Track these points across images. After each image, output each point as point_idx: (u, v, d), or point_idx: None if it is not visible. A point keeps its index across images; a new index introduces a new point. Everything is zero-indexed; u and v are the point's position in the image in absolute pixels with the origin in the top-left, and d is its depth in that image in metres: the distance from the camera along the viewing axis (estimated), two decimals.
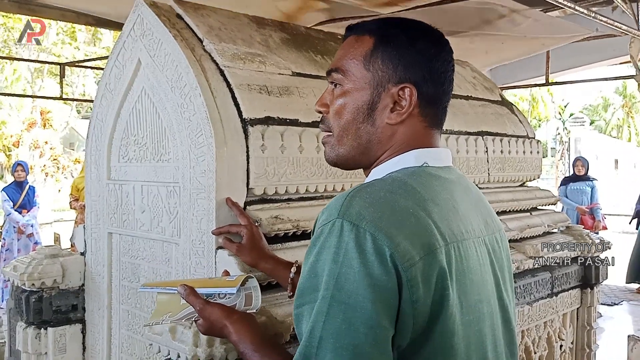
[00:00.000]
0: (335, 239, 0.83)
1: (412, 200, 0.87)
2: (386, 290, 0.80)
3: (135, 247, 2.12)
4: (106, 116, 2.23)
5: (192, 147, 1.86)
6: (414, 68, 0.98)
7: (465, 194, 1.00)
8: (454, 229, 0.90)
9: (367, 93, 0.99)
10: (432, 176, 0.95)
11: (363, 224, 0.82)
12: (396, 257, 0.81)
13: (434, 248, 0.84)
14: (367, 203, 0.85)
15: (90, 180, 2.33)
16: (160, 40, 1.97)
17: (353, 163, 1.04)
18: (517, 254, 2.67)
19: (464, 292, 0.88)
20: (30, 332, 2.20)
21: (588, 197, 7.31)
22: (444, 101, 1.04)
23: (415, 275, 0.81)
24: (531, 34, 3.28)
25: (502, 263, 1.03)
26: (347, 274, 0.81)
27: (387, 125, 0.99)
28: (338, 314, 0.80)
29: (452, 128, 2.74)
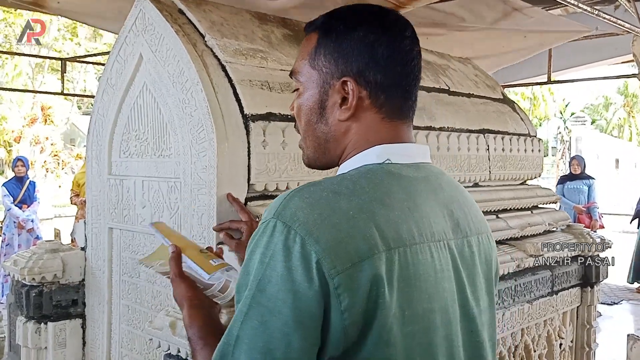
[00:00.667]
0: (266, 239, 0.80)
1: (357, 201, 0.82)
2: (307, 297, 0.76)
3: (136, 243, 2.12)
4: (107, 111, 2.22)
5: (194, 143, 1.85)
6: (354, 58, 0.92)
7: (433, 193, 0.93)
8: (403, 232, 0.83)
9: (316, 92, 0.95)
10: (391, 174, 0.89)
11: (295, 226, 0.78)
12: (323, 263, 0.76)
13: (368, 255, 0.78)
14: (304, 204, 0.81)
15: (91, 175, 2.33)
16: (162, 36, 1.96)
17: (322, 164, 1.01)
18: (518, 252, 2.67)
19: (408, 300, 0.81)
20: (30, 327, 2.20)
21: (585, 196, 7.31)
22: (401, 87, 0.95)
23: (343, 284, 0.76)
24: (531, 29, 3.26)
25: (474, 269, 0.96)
26: (271, 276, 0.78)
27: (340, 122, 0.94)
28: (256, 315, 0.78)
29: (453, 125, 2.74)
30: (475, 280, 0.95)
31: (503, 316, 2.51)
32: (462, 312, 0.91)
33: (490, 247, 1.03)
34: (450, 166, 2.64)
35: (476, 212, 1.03)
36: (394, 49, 0.93)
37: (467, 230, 0.96)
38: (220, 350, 0.81)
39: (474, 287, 0.95)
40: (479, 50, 3.49)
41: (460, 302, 0.91)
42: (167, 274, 1.19)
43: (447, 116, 2.74)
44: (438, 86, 2.87)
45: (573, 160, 7.76)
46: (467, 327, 0.92)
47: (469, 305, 0.93)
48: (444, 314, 0.87)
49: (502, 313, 2.50)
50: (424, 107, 2.65)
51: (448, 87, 2.93)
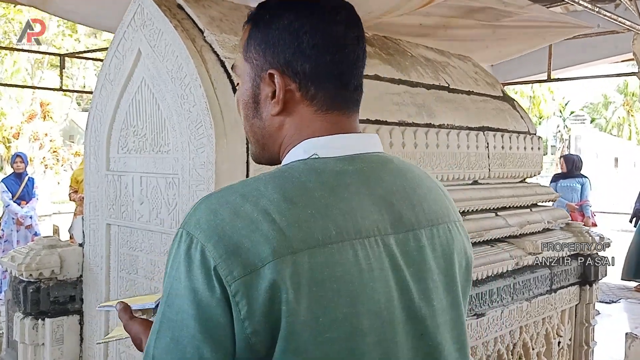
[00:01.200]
0: (174, 251, 0.77)
1: (264, 202, 0.76)
2: (211, 307, 0.73)
3: (134, 239, 2.11)
4: (106, 107, 2.21)
5: (192, 139, 1.85)
6: (280, 49, 0.86)
7: (366, 186, 0.84)
8: (316, 231, 0.76)
9: (250, 86, 0.91)
10: (312, 170, 0.82)
11: (197, 234, 0.75)
12: (220, 270, 0.72)
13: (270, 259, 0.73)
14: (209, 209, 0.77)
15: (89, 171, 2.32)
16: (161, 31, 1.95)
17: (265, 160, 0.96)
18: (517, 250, 2.66)
19: (323, 306, 0.74)
20: (27, 323, 2.20)
21: (578, 194, 7.31)
22: (336, 77, 0.88)
23: (240, 291, 0.72)
24: (532, 24, 3.25)
25: (424, 266, 0.86)
26: (177, 288, 0.75)
27: (272, 117, 0.89)
28: (167, 331, 0.75)
29: (453, 123, 2.73)
30: (425, 277, 0.86)
31: (502, 314, 2.50)
32: (407, 314, 0.83)
33: (451, 238, 0.92)
34: (450, 163, 2.63)
35: (432, 201, 0.92)
36: (322, 36, 0.87)
37: (414, 222, 0.87)
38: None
39: (423, 285, 0.86)
40: (479, 45, 3.47)
41: (403, 304, 0.82)
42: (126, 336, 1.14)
43: (446, 113, 2.73)
44: (438, 83, 2.86)
45: (560, 159, 7.86)
46: (415, 330, 0.84)
47: (415, 306, 0.84)
48: (375, 317, 0.79)
49: (500, 311, 2.49)
50: (424, 104, 2.64)
51: (448, 85, 2.92)
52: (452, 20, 3.06)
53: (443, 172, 2.61)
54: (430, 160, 2.54)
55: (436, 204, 0.93)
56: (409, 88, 2.66)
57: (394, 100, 2.50)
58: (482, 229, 2.58)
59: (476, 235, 2.52)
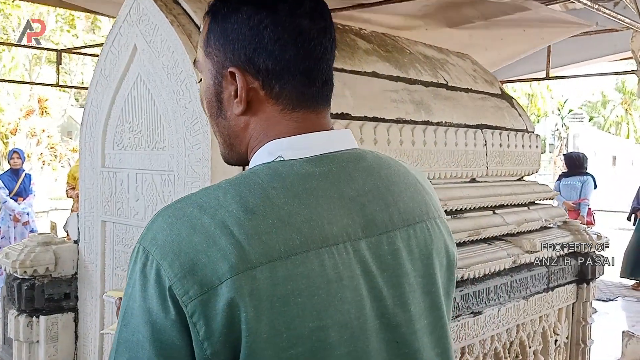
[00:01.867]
0: (130, 268, 0.74)
1: (222, 214, 0.72)
2: (165, 329, 0.69)
3: (129, 236, 2.09)
4: (101, 103, 2.20)
5: (188, 135, 1.83)
6: (240, 43, 0.81)
7: (335, 188, 0.79)
8: (277, 243, 0.72)
9: (212, 83, 0.85)
10: (275, 175, 0.77)
11: (153, 250, 0.71)
12: (175, 290, 0.69)
13: (227, 276, 0.69)
14: (165, 224, 0.73)
15: (84, 167, 2.30)
16: (157, 26, 1.94)
17: (234, 160, 0.91)
18: (514, 248, 2.66)
19: (286, 320, 0.70)
20: (22, 320, 2.18)
21: (578, 192, 7.33)
22: (302, 72, 0.82)
23: (197, 311, 0.69)
24: (530, 24, 3.24)
25: (399, 270, 0.82)
26: (132, 307, 0.72)
27: (237, 117, 0.84)
28: (124, 352, 0.72)
29: (451, 120, 2.72)
30: (400, 282, 0.81)
31: (499, 312, 2.50)
32: (381, 322, 0.79)
33: (430, 237, 0.87)
34: (448, 161, 2.62)
35: (410, 199, 0.87)
36: (284, 29, 0.81)
37: (388, 224, 0.82)
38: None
39: (398, 290, 0.81)
40: (478, 46, 3.46)
41: (376, 311, 0.78)
42: None
43: (444, 111, 2.72)
44: (436, 81, 2.85)
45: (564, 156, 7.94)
46: (390, 337, 0.80)
47: (390, 313, 0.80)
48: (344, 328, 0.74)
49: (497, 309, 2.49)
50: (422, 101, 2.63)
51: (446, 82, 2.91)
52: (451, 19, 3.06)
53: (441, 170, 2.60)
54: (428, 158, 2.53)
55: (413, 202, 0.87)
56: (407, 85, 2.64)
57: (392, 97, 2.49)
58: (479, 226, 2.57)
59: (473, 233, 2.51)
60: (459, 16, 3.21)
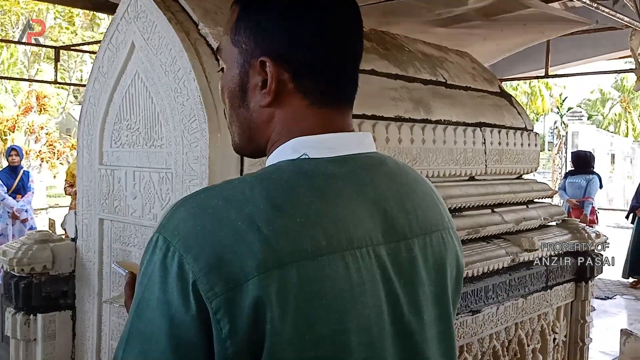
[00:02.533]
0: (148, 257, 0.72)
1: (250, 209, 0.70)
2: (184, 324, 0.67)
3: (127, 234, 2.09)
4: (99, 100, 2.19)
5: (185, 133, 1.82)
6: (275, 35, 0.80)
7: (359, 191, 0.79)
8: (305, 242, 0.71)
9: (237, 72, 0.84)
10: (301, 173, 0.76)
11: (175, 241, 0.69)
12: (200, 285, 0.67)
13: (255, 273, 0.67)
14: (189, 214, 0.71)
15: (82, 165, 2.29)
16: (155, 23, 1.93)
17: (249, 152, 0.90)
18: (513, 246, 2.65)
19: (310, 322, 0.69)
20: (19, 318, 2.18)
21: (583, 191, 7.34)
22: (332, 70, 0.82)
23: (222, 308, 0.67)
24: (531, 20, 3.24)
25: (415, 278, 0.82)
26: (149, 299, 0.70)
27: (261, 108, 0.82)
28: (135, 344, 0.70)
29: (450, 119, 2.72)
30: (415, 289, 0.81)
31: (497, 310, 2.50)
32: (395, 328, 0.78)
33: (444, 247, 0.87)
34: (446, 159, 2.62)
35: (427, 207, 0.87)
36: (321, 25, 0.81)
37: (407, 231, 0.82)
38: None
39: (413, 297, 0.81)
40: (477, 37, 3.45)
41: (392, 318, 0.78)
42: None
43: (443, 109, 2.71)
44: (435, 78, 2.84)
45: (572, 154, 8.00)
46: (404, 345, 0.79)
47: (405, 321, 0.80)
48: (364, 333, 0.74)
49: (496, 307, 2.48)
50: (421, 99, 2.62)
51: (445, 80, 2.90)
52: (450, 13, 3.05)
53: (439, 168, 2.59)
54: (427, 156, 2.53)
55: (430, 211, 0.88)
56: (406, 83, 2.64)
57: (391, 95, 2.48)
58: (478, 225, 2.56)
59: (472, 231, 2.51)
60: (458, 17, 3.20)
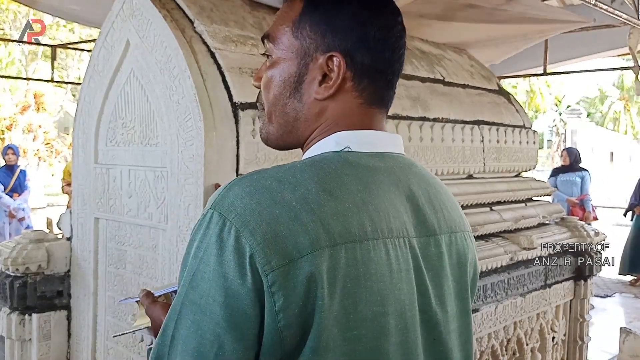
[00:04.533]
0: (202, 232, 0.74)
1: (302, 191, 0.74)
2: (239, 296, 0.70)
3: (122, 233, 2.07)
4: (94, 98, 2.17)
5: (181, 131, 1.81)
6: (344, 34, 0.85)
7: (396, 186, 0.84)
8: (353, 226, 0.75)
9: (295, 63, 0.87)
10: (347, 163, 0.81)
11: (231, 217, 0.72)
12: (257, 258, 0.70)
13: (309, 250, 0.71)
14: (244, 192, 0.74)
15: (77, 163, 2.28)
16: (150, 21, 1.91)
17: (283, 143, 0.92)
18: (511, 245, 2.64)
19: (355, 302, 0.73)
20: (14, 318, 2.16)
21: (578, 188, 7.28)
22: (386, 74, 0.88)
23: (277, 281, 0.70)
24: (528, 17, 3.22)
25: (442, 272, 0.86)
26: (204, 271, 0.72)
27: (315, 100, 0.86)
28: (189, 314, 0.72)
29: (448, 116, 2.70)
30: (441, 283, 0.86)
31: (496, 309, 2.48)
32: (423, 317, 0.82)
33: (466, 247, 0.93)
34: (444, 157, 2.60)
35: (451, 208, 0.93)
36: (386, 32, 0.87)
37: (435, 227, 0.87)
38: (156, 351, 0.76)
39: (439, 290, 0.86)
40: (475, 40, 3.44)
41: (421, 307, 0.82)
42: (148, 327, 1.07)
43: (441, 107, 2.70)
44: (433, 76, 2.83)
45: (563, 151, 7.71)
46: (429, 334, 0.84)
47: (432, 311, 0.84)
48: (400, 318, 0.78)
49: (494, 306, 2.47)
50: (419, 97, 2.61)
51: (443, 78, 2.89)
52: (448, 14, 3.03)
53: (438, 166, 2.58)
54: (425, 154, 2.51)
55: (454, 212, 0.93)
56: (404, 81, 2.62)
57: None
58: (476, 223, 2.55)
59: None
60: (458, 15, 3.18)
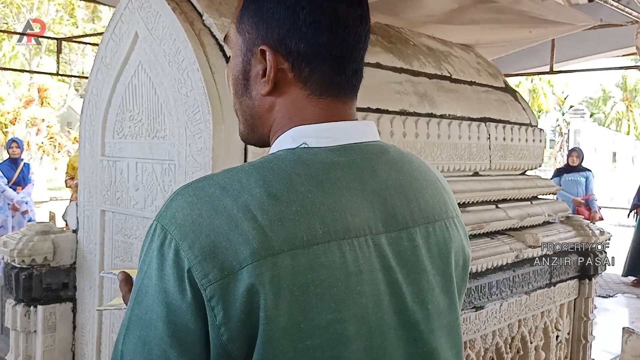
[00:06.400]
0: (147, 245, 0.73)
1: (245, 197, 0.71)
2: (180, 311, 0.68)
3: (128, 226, 2.07)
4: (101, 91, 2.17)
5: (189, 124, 1.80)
6: (274, 23, 0.80)
7: (359, 180, 0.78)
8: (300, 231, 0.71)
9: (240, 60, 0.84)
10: (299, 162, 0.76)
11: (172, 229, 0.70)
12: (195, 272, 0.68)
13: (249, 261, 0.68)
14: (186, 202, 0.71)
15: (84, 156, 2.27)
16: (159, 13, 1.91)
17: (254, 141, 0.89)
18: (517, 242, 2.63)
19: (304, 310, 0.70)
20: (19, 310, 2.16)
21: (583, 188, 7.28)
22: (333, 59, 0.81)
23: (216, 295, 0.67)
24: (536, 18, 3.21)
25: (418, 266, 0.81)
26: (148, 286, 0.70)
27: (263, 97, 0.82)
28: (135, 329, 0.71)
29: (454, 113, 2.69)
30: (419, 279, 0.81)
31: (501, 307, 2.48)
32: (398, 318, 0.77)
33: (448, 236, 0.86)
34: (451, 154, 2.59)
35: (431, 196, 0.86)
36: (320, 13, 0.79)
37: (408, 220, 0.81)
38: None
39: (416, 287, 0.80)
40: (482, 38, 3.43)
41: (395, 308, 0.77)
42: None
43: (448, 103, 2.69)
44: (440, 73, 2.82)
45: (573, 152, 7.66)
46: (408, 335, 0.79)
47: (409, 310, 0.79)
48: (362, 323, 0.73)
49: (499, 304, 2.47)
50: (426, 93, 2.60)
51: (450, 74, 2.88)
52: (457, 14, 3.02)
53: (444, 163, 2.57)
54: (431, 150, 2.50)
55: (433, 199, 0.87)
56: (411, 77, 2.61)
57: (396, 89, 2.46)
58: (482, 221, 2.55)
59: (476, 227, 2.49)
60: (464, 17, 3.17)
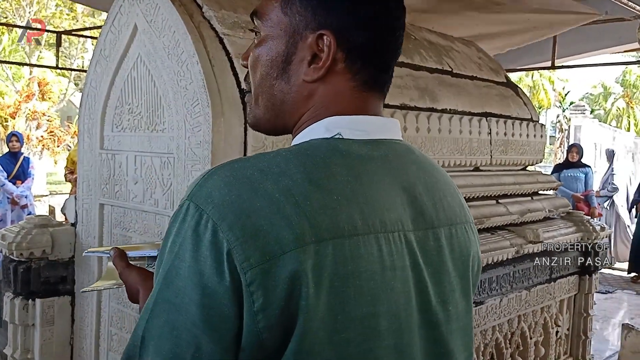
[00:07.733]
0: (178, 225, 0.69)
1: (286, 182, 0.68)
2: (217, 294, 0.65)
3: (127, 219, 2.06)
4: (100, 84, 2.15)
5: (188, 117, 1.79)
6: (336, 11, 0.77)
7: (391, 176, 0.77)
8: (341, 220, 0.69)
9: (283, 42, 0.80)
10: (336, 151, 0.74)
11: (208, 209, 0.67)
12: (235, 255, 0.64)
13: (292, 247, 0.65)
14: (223, 182, 0.68)
15: (82, 149, 2.26)
16: (158, 5, 1.89)
17: (271, 128, 0.85)
18: (517, 238, 2.62)
19: (343, 302, 0.68)
20: (17, 303, 2.16)
21: (582, 184, 7.28)
22: (383, 56, 0.81)
23: (257, 280, 0.64)
24: (538, 11, 3.19)
25: (442, 267, 0.80)
26: (179, 267, 0.67)
27: (304, 82, 0.79)
28: (162, 313, 0.67)
29: (456, 108, 2.68)
30: (442, 279, 0.80)
31: (501, 302, 2.47)
32: (422, 317, 0.76)
33: (468, 240, 0.86)
34: (452, 149, 2.58)
35: (452, 199, 0.86)
36: (383, 11, 0.79)
37: (434, 220, 0.81)
38: (126, 352, 0.71)
39: (440, 288, 0.79)
40: (485, 32, 3.41)
41: (420, 306, 0.76)
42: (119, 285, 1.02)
43: (449, 98, 2.68)
44: (441, 67, 2.80)
45: (572, 147, 7.65)
46: (429, 335, 0.77)
47: (432, 310, 0.78)
48: (393, 319, 0.72)
49: (499, 299, 2.46)
50: (427, 87, 2.59)
51: (451, 69, 2.86)
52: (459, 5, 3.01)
53: (445, 158, 2.56)
54: (432, 145, 2.49)
55: (454, 202, 0.86)
56: (412, 71, 2.60)
57: (397, 83, 2.44)
58: (482, 216, 2.54)
59: (477, 222, 2.48)
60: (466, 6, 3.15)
